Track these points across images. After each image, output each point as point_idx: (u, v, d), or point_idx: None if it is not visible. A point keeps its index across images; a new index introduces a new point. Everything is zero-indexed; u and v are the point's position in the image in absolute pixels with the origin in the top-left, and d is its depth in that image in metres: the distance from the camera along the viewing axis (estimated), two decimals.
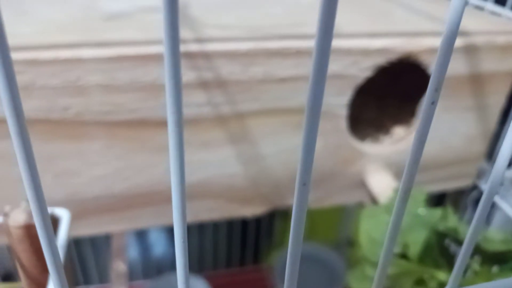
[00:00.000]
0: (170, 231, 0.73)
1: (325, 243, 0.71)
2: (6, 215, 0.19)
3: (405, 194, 0.13)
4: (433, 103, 0.09)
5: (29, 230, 0.19)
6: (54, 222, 0.20)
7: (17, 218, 0.19)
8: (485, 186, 0.51)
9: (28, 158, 0.10)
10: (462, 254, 0.16)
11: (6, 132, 0.34)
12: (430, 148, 0.42)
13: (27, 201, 0.20)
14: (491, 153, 0.46)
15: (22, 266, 0.20)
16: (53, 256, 0.12)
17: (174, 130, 0.10)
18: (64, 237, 0.20)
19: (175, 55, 0.09)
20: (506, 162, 0.15)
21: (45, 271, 0.20)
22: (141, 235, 0.72)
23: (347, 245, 0.69)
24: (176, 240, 0.12)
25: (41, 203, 0.11)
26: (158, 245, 0.73)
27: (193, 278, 0.63)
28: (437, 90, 0.09)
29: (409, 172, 0.11)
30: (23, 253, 0.19)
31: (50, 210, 0.20)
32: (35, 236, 0.19)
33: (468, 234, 0.15)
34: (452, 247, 0.29)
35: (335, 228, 0.73)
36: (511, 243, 0.28)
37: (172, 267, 0.72)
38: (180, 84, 0.10)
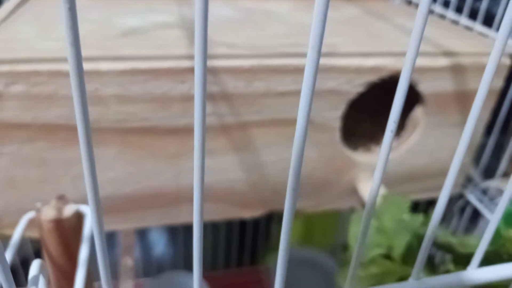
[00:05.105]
0: (170, 231, 0.76)
1: (322, 248, 0.73)
2: (38, 210, 0.22)
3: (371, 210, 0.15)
4: (392, 131, 0.12)
5: (58, 224, 0.22)
6: (79, 218, 0.23)
7: (48, 213, 0.22)
8: (470, 195, 0.53)
9: (90, 160, 0.13)
10: (424, 245, 0.18)
11: (28, 137, 0.37)
12: (420, 160, 0.44)
13: (56, 199, 0.23)
14: (476, 162, 0.49)
15: (50, 255, 0.22)
16: (101, 245, 0.14)
17: (199, 137, 0.12)
18: (90, 230, 0.22)
19: (203, 70, 0.12)
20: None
21: (70, 260, 0.23)
22: (142, 235, 0.75)
23: (342, 249, 0.71)
24: (195, 237, 0.15)
25: (97, 197, 0.14)
26: (158, 245, 0.76)
27: (192, 278, 0.65)
28: (395, 121, 0.12)
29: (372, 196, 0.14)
30: (52, 244, 0.22)
31: (75, 207, 0.23)
32: (63, 229, 0.22)
33: (430, 226, 0.18)
34: (432, 249, 0.32)
35: (332, 233, 0.75)
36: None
37: (172, 266, 0.75)
38: (205, 95, 0.12)
